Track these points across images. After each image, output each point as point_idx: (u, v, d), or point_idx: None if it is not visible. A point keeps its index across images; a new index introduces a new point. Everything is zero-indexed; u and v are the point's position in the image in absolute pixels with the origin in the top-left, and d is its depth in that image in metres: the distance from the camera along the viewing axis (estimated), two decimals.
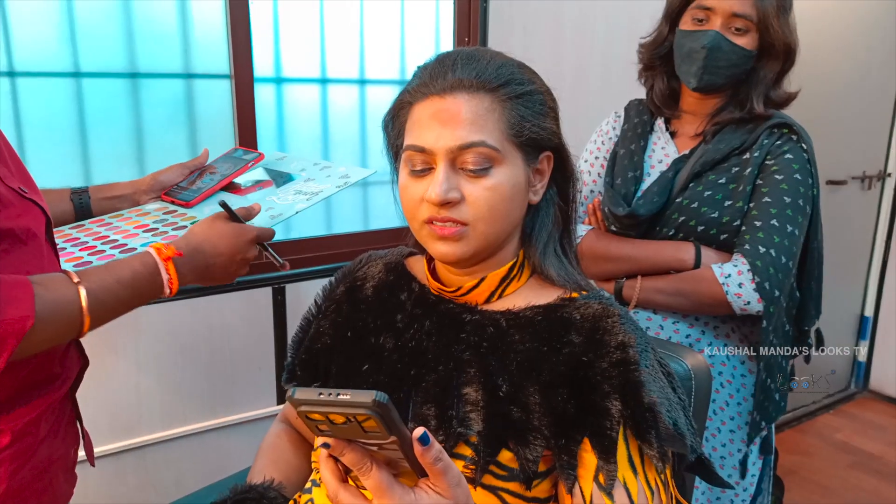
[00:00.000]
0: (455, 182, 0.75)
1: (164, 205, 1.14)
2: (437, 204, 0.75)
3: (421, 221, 0.78)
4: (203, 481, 1.26)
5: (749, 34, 1.24)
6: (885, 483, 2.60)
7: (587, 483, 0.73)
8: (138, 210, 1.12)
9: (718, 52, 1.23)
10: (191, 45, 1.67)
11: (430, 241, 0.79)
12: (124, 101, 1.61)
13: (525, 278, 0.85)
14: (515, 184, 0.78)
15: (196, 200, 1.11)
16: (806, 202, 1.27)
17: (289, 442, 1.02)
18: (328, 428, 0.52)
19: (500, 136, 0.76)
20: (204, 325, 1.73)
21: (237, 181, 1.17)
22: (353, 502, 0.59)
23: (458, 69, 0.76)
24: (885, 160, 3.20)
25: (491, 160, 0.75)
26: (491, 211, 0.76)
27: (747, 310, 1.20)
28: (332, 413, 0.50)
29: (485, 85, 0.76)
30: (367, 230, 2.03)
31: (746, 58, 1.25)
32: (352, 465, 0.55)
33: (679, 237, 1.29)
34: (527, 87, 0.79)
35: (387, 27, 1.96)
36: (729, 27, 1.23)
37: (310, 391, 0.50)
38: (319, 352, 0.91)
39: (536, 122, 0.78)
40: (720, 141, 1.29)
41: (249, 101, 1.73)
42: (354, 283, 0.94)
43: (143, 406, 1.69)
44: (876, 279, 3.29)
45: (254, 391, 1.83)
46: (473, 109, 0.75)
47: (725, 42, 1.23)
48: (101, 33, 1.56)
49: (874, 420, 3.10)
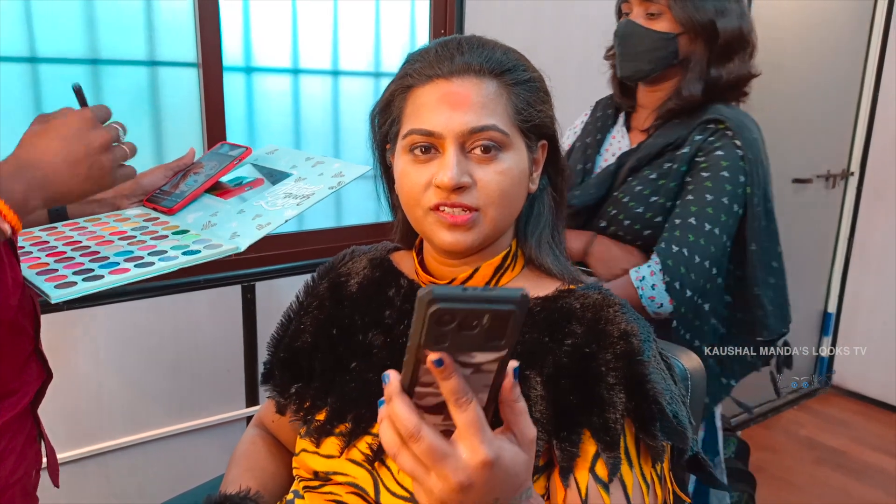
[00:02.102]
0: (465, 167, 0.74)
1: (146, 211, 1.06)
2: (450, 188, 0.73)
3: (426, 209, 0.76)
4: (168, 489, 1.21)
5: (663, 17, 1.25)
6: (850, 479, 2.65)
7: (583, 474, 0.71)
8: (117, 215, 1.04)
9: (631, 38, 1.27)
10: (156, 30, 1.61)
11: (437, 230, 0.76)
12: (85, 88, 1.51)
13: (519, 269, 0.84)
14: (522, 169, 0.78)
15: (178, 206, 1.04)
16: (733, 201, 1.22)
17: (265, 448, 0.98)
18: (448, 338, 0.48)
19: (507, 120, 0.76)
20: (169, 325, 1.67)
21: (223, 180, 1.10)
22: (435, 448, 0.50)
23: (466, 53, 0.76)
24: (849, 159, 3.26)
25: (500, 145, 0.75)
26: (502, 195, 0.75)
27: (661, 313, 1.19)
28: (470, 311, 0.46)
29: (493, 69, 0.76)
30: (340, 226, 1.98)
31: (664, 41, 1.26)
32: (453, 392, 0.49)
33: (610, 230, 1.30)
34: (530, 74, 0.79)
35: (361, 16, 1.92)
36: (644, 14, 1.27)
37: (451, 287, 0.46)
38: (301, 350, 0.88)
39: (539, 108, 0.79)
40: (658, 135, 1.30)
41: (218, 91, 1.67)
42: (338, 280, 0.92)
43: (105, 410, 1.63)
44: (839, 276, 3.36)
45: (222, 394, 1.78)
46: (483, 93, 0.74)
47: (636, 27, 1.26)
48: (59, 16, 1.49)
49: (838, 416, 3.16)
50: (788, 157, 3.01)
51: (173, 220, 1.03)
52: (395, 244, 0.95)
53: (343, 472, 0.79)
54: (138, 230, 0.99)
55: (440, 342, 0.48)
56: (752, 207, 1.24)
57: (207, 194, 1.07)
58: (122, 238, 0.96)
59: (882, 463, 2.76)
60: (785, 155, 3.00)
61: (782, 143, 2.97)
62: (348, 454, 0.79)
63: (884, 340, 3.17)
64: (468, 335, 0.48)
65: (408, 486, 0.73)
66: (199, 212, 1.04)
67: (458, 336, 0.48)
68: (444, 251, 0.80)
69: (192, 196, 1.05)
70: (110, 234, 0.98)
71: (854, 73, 3.18)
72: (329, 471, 0.80)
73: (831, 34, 3.03)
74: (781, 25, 2.84)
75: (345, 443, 0.79)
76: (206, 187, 1.07)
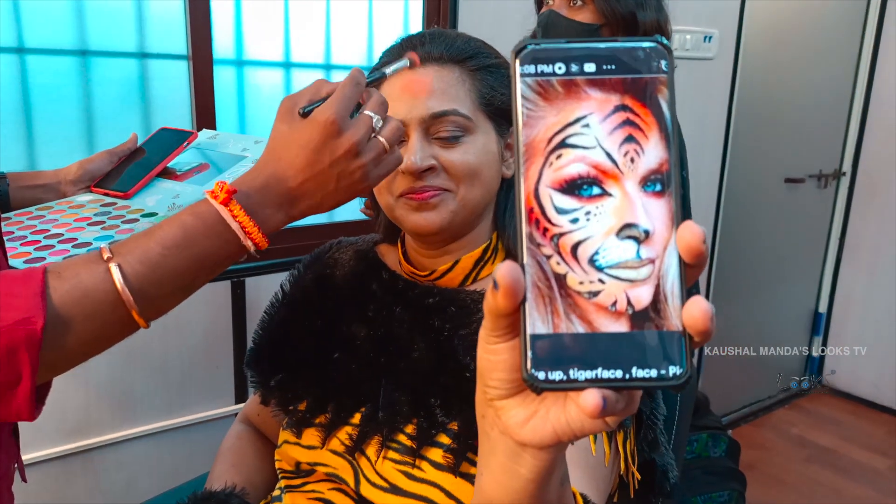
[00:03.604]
0: (429, 151, 0.76)
1: (99, 197, 1.02)
2: (414, 173, 0.75)
3: (396, 196, 0.78)
4: (156, 486, 1.20)
5: (586, 8, 1.27)
6: (840, 477, 2.65)
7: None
8: (69, 202, 1.01)
9: (554, 28, 1.28)
10: (146, 22, 1.59)
11: (407, 214, 0.78)
12: (73, 80, 1.52)
13: (499, 262, 0.83)
14: (489, 152, 0.78)
15: (134, 190, 1.01)
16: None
17: (250, 444, 0.98)
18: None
19: (471, 105, 0.77)
20: (157, 320, 1.64)
21: (171, 165, 1.08)
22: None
23: (427, 44, 0.79)
24: (841, 159, 3.27)
25: (463, 129, 0.76)
26: (468, 174, 0.76)
27: None
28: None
29: (454, 57, 0.78)
30: (331, 222, 1.97)
31: (588, 31, 1.27)
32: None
33: None
34: (493, 60, 0.81)
35: (354, 10, 1.91)
36: (569, 4, 1.28)
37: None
38: (285, 339, 0.88)
39: (504, 91, 0.80)
40: None
41: (208, 84, 1.66)
42: (324, 271, 0.92)
43: (92, 406, 1.61)
44: (830, 276, 3.36)
45: (211, 390, 1.77)
46: (444, 79, 0.77)
47: (559, 17, 1.27)
48: (48, 7, 1.47)
49: (828, 414, 3.17)
50: (781, 156, 3.02)
51: (134, 204, 1.00)
52: (381, 237, 0.95)
53: (324, 463, 0.79)
54: (103, 215, 0.95)
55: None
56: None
57: (159, 178, 1.05)
58: (92, 224, 0.93)
59: (872, 461, 2.77)
60: (777, 155, 3.00)
61: (775, 142, 2.98)
62: (328, 445, 0.78)
63: (875, 340, 3.18)
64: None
65: (387, 476, 0.73)
66: (157, 195, 1.01)
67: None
68: (418, 235, 0.81)
69: (146, 179, 1.02)
70: (75, 220, 0.94)
71: (847, 73, 3.18)
72: (310, 461, 0.80)
73: (824, 34, 3.03)
74: (775, 26, 2.84)
75: (324, 433, 0.78)
76: (158, 170, 1.04)
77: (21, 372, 0.55)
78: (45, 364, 0.56)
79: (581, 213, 0.32)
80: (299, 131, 0.66)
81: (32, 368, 0.55)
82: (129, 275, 0.59)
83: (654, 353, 0.31)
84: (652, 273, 0.31)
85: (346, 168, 0.66)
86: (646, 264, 0.31)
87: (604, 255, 0.31)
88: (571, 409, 0.33)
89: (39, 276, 0.57)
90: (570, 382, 0.31)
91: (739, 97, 2.72)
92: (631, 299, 0.31)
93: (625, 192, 0.32)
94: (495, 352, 0.35)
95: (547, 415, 0.34)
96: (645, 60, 0.32)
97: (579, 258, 0.32)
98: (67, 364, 0.60)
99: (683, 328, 0.31)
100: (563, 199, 0.32)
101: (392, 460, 0.73)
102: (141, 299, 0.60)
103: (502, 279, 0.31)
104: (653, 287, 0.31)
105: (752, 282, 3.01)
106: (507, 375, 0.35)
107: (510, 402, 0.35)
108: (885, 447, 2.87)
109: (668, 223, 0.31)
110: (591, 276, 0.31)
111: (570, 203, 0.32)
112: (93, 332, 0.59)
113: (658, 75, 0.32)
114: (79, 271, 0.59)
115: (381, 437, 0.75)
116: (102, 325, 0.60)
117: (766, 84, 2.87)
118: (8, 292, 0.55)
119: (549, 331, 0.31)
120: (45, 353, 0.56)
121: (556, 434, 0.34)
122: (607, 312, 0.31)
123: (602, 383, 0.31)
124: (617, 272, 0.31)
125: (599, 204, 0.32)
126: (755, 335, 3.00)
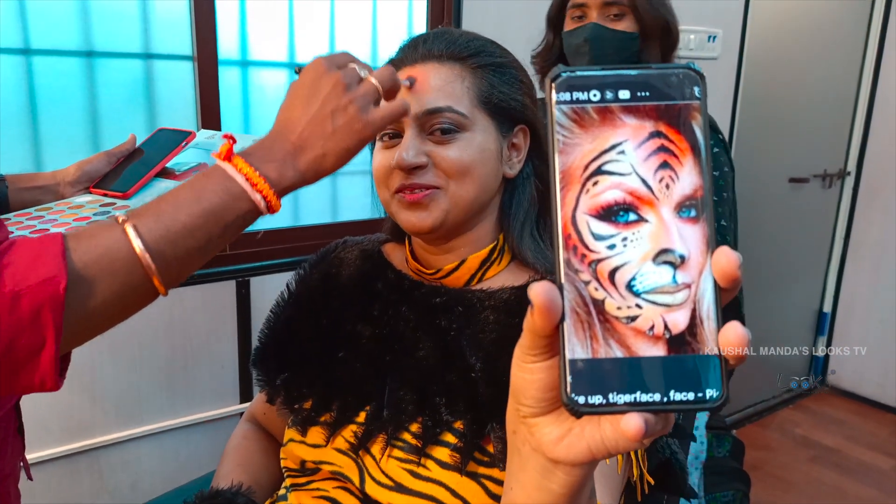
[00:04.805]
0: (423, 148, 0.76)
1: (98, 198, 1.01)
2: (405, 168, 0.75)
3: (391, 192, 0.78)
4: (161, 485, 1.21)
5: (626, 18, 1.29)
6: (845, 477, 2.65)
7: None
8: (68, 203, 1.00)
9: (602, 42, 1.28)
10: (151, 23, 1.59)
11: (400, 212, 0.78)
12: (78, 81, 1.52)
13: (505, 263, 0.84)
14: (485, 150, 0.78)
15: (133, 189, 1.01)
16: (730, 189, 1.35)
17: (256, 443, 0.98)
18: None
19: (469, 103, 0.77)
20: (162, 320, 1.66)
21: (170, 165, 1.08)
22: None
23: (429, 42, 0.79)
24: (845, 159, 3.26)
25: (458, 126, 0.76)
26: (460, 171, 0.76)
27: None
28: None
29: (454, 55, 0.78)
30: (336, 222, 1.97)
31: (630, 40, 1.29)
32: None
33: None
34: (498, 59, 0.81)
35: (358, 11, 1.91)
36: (606, 16, 1.28)
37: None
38: (291, 338, 0.88)
39: (506, 90, 0.80)
40: None
41: (213, 85, 1.66)
42: (329, 270, 0.92)
43: (98, 405, 1.61)
44: (834, 275, 3.36)
45: (216, 390, 1.77)
46: (442, 77, 0.77)
47: (606, 31, 1.28)
48: (53, 8, 1.47)
49: (833, 415, 3.16)
50: (785, 156, 3.01)
51: (133, 204, 0.99)
52: (388, 236, 0.95)
53: (329, 462, 0.79)
54: (102, 215, 0.94)
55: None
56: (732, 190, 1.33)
57: (158, 178, 1.04)
58: (92, 224, 0.93)
59: (876, 461, 2.76)
60: (782, 154, 3.00)
61: (779, 142, 2.97)
62: (333, 443, 0.79)
63: (879, 340, 3.18)
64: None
65: (393, 475, 0.73)
66: (156, 195, 1.00)
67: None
68: (414, 234, 0.82)
69: (146, 179, 1.02)
70: (74, 220, 0.93)
71: (851, 73, 3.18)
72: (315, 460, 0.80)
73: (829, 34, 3.03)
74: (779, 26, 2.84)
75: (329, 431, 0.79)
76: (157, 170, 1.03)
77: (45, 335, 0.55)
78: (68, 328, 0.56)
79: (618, 239, 0.32)
80: (294, 86, 0.69)
81: (56, 331, 0.55)
82: (144, 233, 0.59)
83: (690, 376, 0.31)
84: (688, 298, 0.32)
85: (337, 104, 0.66)
86: (682, 289, 0.32)
87: (641, 281, 0.32)
88: (607, 428, 0.33)
89: (59, 238, 0.57)
90: (609, 406, 0.31)
91: (743, 97, 2.72)
92: (668, 324, 0.32)
93: (660, 217, 0.32)
94: (531, 371, 0.35)
95: (582, 433, 0.35)
96: (678, 87, 0.33)
97: (617, 283, 0.32)
98: (88, 330, 0.60)
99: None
100: (600, 225, 0.32)
101: (397, 459, 0.73)
102: (158, 258, 0.60)
103: (536, 298, 0.31)
104: (689, 311, 0.32)
105: (756, 281, 3.00)
106: (541, 394, 0.35)
107: (544, 420, 0.36)
108: (890, 447, 2.87)
109: (704, 248, 0.32)
110: (628, 302, 0.32)
111: (606, 229, 0.32)
112: (113, 293, 0.59)
113: (691, 102, 0.33)
114: (96, 233, 0.59)
115: (386, 435, 0.75)
116: (122, 286, 0.59)
117: (770, 84, 2.87)
118: (28, 255, 0.55)
119: (588, 355, 0.32)
120: (68, 316, 0.56)
121: (590, 452, 0.34)
122: (645, 337, 0.32)
123: (641, 406, 0.31)
124: (654, 297, 0.32)
125: (636, 230, 0.32)
126: (759, 335, 2.98)
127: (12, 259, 0.54)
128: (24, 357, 0.55)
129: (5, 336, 0.53)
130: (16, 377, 0.57)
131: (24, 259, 0.54)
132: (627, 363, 0.31)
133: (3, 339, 0.53)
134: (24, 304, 0.53)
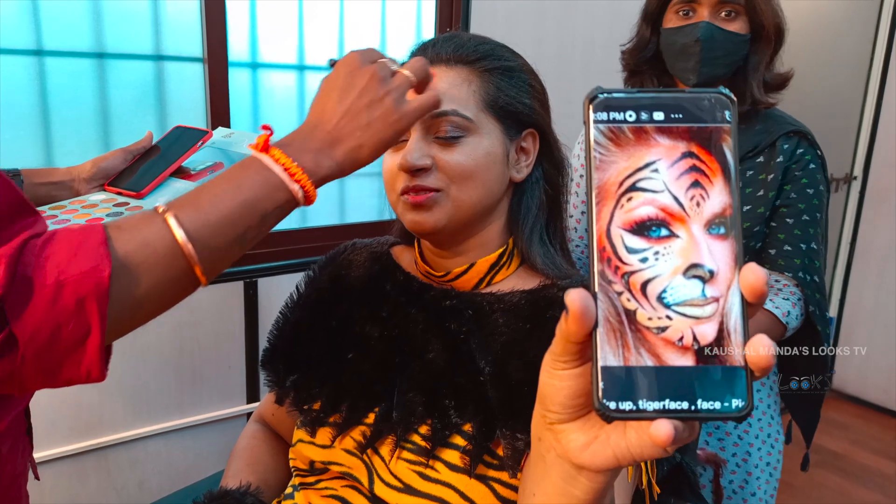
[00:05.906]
0: (427, 150, 0.76)
1: (112, 196, 1.00)
2: (408, 170, 0.76)
3: (397, 194, 0.79)
4: (168, 484, 1.21)
5: (739, 18, 1.21)
6: (848, 482, 2.64)
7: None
8: (83, 201, 1.00)
9: (714, 42, 1.20)
10: (162, 25, 1.60)
11: (405, 213, 0.79)
12: (90, 82, 1.53)
13: (514, 267, 0.84)
14: (490, 153, 0.78)
15: (147, 189, 1.00)
16: (825, 210, 1.27)
17: (265, 443, 0.98)
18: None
19: (475, 106, 0.77)
20: (170, 320, 1.67)
21: (185, 165, 1.07)
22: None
23: (438, 45, 0.80)
24: (852, 163, 3.26)
25: (464, 129, 0.76)
26: (463, 175, 0.76)
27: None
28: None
29: (462, 58, 0.78)
30: (344, 223, 1.98)
31: (742, 43, 1.22)
32: None
33: None
34: (507, 63, 0.80)
35: (367, 13, 1.92)
36: (718, 14, 1.20)
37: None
38: (300, 340, 0.89)
39: (513, 94, 0.80)
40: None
41: (223, 86, 1.67)
42: (339, 272, 0.92)
43: (106, 404, 1.62)
44: (840, 280, 3.35)
45: (223, 390, 1.78)
46: (449, 80, 0.77)
47: (718, 31, 1.20)
48: (66, 10, 1.48)
49: (837, 419, 3.16)
50: None
51: (147, 204, 0.99)
52: (396, 238, 0.95)
53: (338, 462, 0.79)
54: (116, 215, 0.94)
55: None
56: (826, 213, 1.28)
57: (173, 177, 1.04)
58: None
59: (881, 466, 2.76)
60: None
61: None
62: (341, 444, 0.79)
63: (884, 345, 3.17)
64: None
65: (401, 476, 0.74)
66: (170, 195, 0.98)
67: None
68: (417, 235, 0.82)
69: (160, 178, 1.01)
70: (87, 220, 0.94)
71: (858, 78, 3.17)
72: (324, 460, 0.80)
73: (836, 39, 3.02)
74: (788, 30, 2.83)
75: (337, 432, 0.79)
76: (172, 169, 1.02)
77: (90, 325, 0.54)
78: (112, 318, 0.56)
79: (650, 253, 0.34)
80: (327, 79, 0.70)
81: (101, 320, 0.55)
82: (185, 223, 0.59)
83: (717, 386, 0.33)
84: (716, 311, 0.33)
85: (374, 96, 0.67)
86: (710, 302, 0.33)
87: (671, 293, 0.33)
88: (632, 435, 0.34)
89: (100, 228, 0.57)
90: (639, 412, 0.33)
91: None
92: (697, 335, 0.33)
93: (691, 234, 0.34)
94: (560, 377, 0.36)
95: (608, 440, 0.35)
96: (710, 110, 0.35)
97: (648, 295, 0.34)
98: (131, 321, 0.60)
99: (746, 363, 0.33)
100: (634, 239, 0.34)
101: (406, 460, 0.74)
102: (199, 247, 0.60)
103: (572, 304, 0.33)
104: (717, 324, 0.33)
105: None
106: (569, 401, 0.36)
107: (571, 427, 0.37)
108: (894, 452, 2.86)
109: (732, 264, 0.34)
110: (659, 313, 0.33)
111: (639, 243, 0.34)
112: (155, 283, 0.59)
113: (722, 125, 0.35)
114: (136, 223, 0.59)
115: (395, 436, 0.75)
116: (164, 276, 0.59)
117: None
118: (71, 245, 0.54)
119: (620, 363, 0.33)
120: (112, 305, 0.55)
121: (615, 458, 0.35)
122: (674, 347, 0.33)
123: (669, 414, 0.33)
124: (684, 309, 0.33)
125: (667, 244, 0.34)
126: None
127: (54, 250, 0.54)
128: (68, 348, 0.55)
129: (49, 327, 0.53)
130: (60, 368, 0.56)
131: (65, 250, 0.54)
132: (657, 372, 0.33)
133: (46, 329, 0.53)
134: (67, 295, 0.53)
